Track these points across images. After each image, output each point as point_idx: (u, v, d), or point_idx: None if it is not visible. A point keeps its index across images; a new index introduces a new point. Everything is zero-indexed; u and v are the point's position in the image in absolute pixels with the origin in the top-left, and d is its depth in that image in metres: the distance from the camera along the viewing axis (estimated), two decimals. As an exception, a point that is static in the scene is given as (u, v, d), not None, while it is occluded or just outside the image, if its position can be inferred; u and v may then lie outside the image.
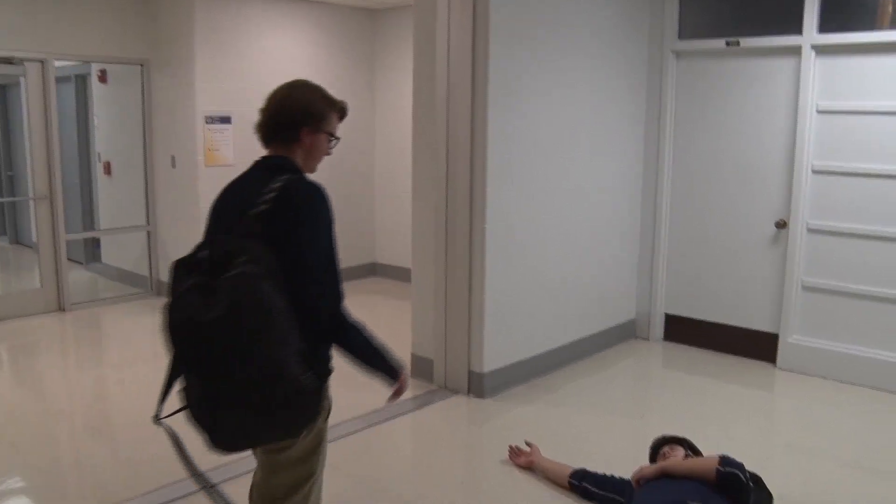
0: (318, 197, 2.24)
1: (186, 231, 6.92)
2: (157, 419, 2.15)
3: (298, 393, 2.08)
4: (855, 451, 4.28)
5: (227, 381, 2.03)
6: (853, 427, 4.62)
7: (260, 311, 1.99)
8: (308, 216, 2.21)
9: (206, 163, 6.77)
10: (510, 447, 4.04)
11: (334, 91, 2.47)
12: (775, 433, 4.71)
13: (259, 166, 2.34)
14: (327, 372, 2.30)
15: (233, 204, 2.28)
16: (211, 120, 6.76)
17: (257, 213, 2.15)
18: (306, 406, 2.15)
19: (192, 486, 3.56)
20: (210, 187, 6.80)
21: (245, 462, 3.34)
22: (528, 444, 4.04)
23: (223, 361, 2.00)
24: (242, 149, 6.88)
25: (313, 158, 2.40)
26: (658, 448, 3.63)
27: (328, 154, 2.42)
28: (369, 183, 8.26)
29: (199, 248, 2.13)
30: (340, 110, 2.44)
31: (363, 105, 8.02)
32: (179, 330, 2.04)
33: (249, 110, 2.44)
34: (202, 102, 6.71)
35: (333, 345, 2.31)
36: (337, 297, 2.27)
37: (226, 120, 6.85)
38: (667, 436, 3.69)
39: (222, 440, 2.13)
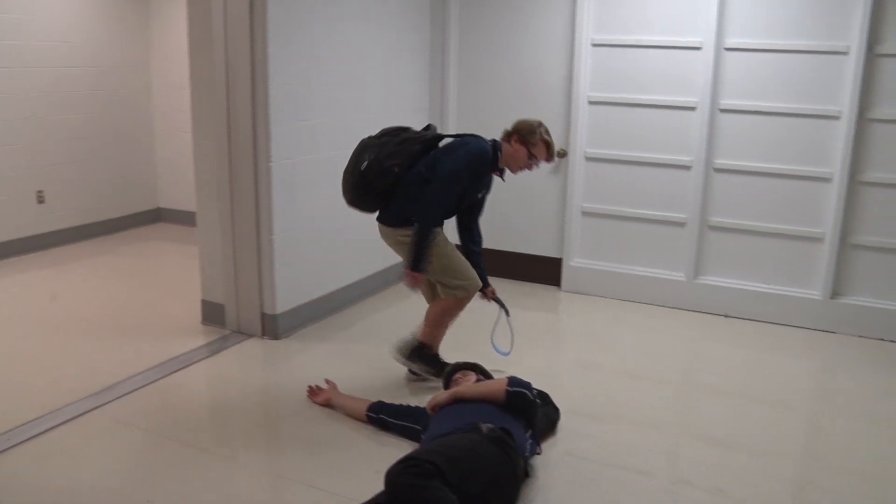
0: (467, 150, 3.81)
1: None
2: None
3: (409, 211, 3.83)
4: (632, 361, 4.62)
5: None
6: (630, 340, 4.98)
7: (370, 171, 3.83)
8: (451, 153, 3.82)
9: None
10: (308, 387, 4.00)
11: (102, 20, 2.27)
12: (561, 351, 4.99)
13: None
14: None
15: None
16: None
17: (448, 140, 3.95)
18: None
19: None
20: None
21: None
22: (326, 381, 4.02)
23: (354, 187, 3.91)
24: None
25: (512, 160, 3.92)
26: (451, 375, 3.73)
27: (528, 168, 3.94)
28: (147, 123, 7.69)
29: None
30: (549, 150, 3.90)
31: (136, 39, 7.42)
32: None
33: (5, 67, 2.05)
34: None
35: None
36: (433, 203, 3.76)
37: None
38: (459, 363, 3.80)
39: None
